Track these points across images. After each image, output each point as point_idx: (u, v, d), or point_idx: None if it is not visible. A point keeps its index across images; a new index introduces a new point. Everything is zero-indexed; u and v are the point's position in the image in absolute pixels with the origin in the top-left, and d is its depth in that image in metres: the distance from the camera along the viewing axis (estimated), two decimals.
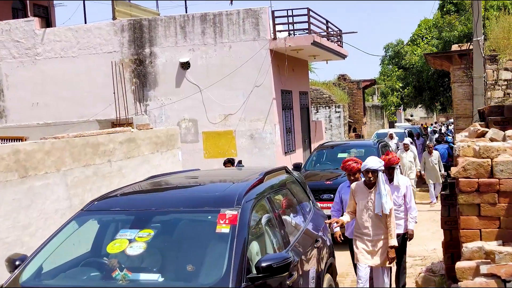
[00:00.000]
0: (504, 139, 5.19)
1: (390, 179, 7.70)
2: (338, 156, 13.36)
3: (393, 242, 6.81)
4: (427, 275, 8.03)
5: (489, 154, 4.65)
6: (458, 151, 5.11)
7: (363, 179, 7.22)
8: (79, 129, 12.28)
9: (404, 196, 7.66)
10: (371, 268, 7.03)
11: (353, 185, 7.11)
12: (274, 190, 5.74)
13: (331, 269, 6.73)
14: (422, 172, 16.23)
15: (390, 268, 7.28)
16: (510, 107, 6.71)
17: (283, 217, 5.65)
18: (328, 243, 6.84)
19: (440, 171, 16.15)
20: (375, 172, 6.77)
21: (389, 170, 7.65)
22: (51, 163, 8.00)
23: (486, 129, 5.70)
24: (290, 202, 6.34)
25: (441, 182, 16.05)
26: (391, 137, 21.35)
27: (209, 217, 4.74)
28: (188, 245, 4.71)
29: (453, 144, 20.17)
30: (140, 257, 4.49)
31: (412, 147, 16.47)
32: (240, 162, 7.72)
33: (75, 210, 8.22)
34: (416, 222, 7.79)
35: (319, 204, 8.56)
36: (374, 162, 6.79)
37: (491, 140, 5.19)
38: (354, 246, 7.16)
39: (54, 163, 8.06)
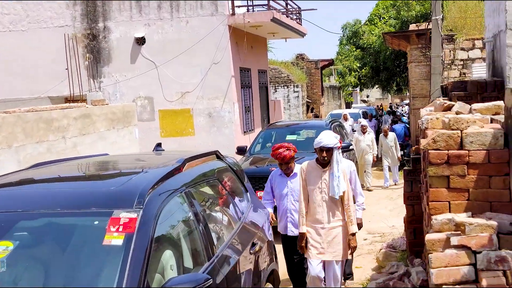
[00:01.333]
0: (470, 112, 5.14)
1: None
2: (287, 138, 12.12)
3: (354, 228, 6.04)
4: (388, 251, 8.05)
5: (459, 125, 4.59)
6: (426, 124, 5.03)
7: (304, 161, 6.43)
8: (30, 106, 11.79)
9: (350, 181, 6.48)
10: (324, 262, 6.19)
11: (304, 164, 6.29)
12: (197, 182, 4.54)
13: (273, 277, 5.58)
14: (379, 156, 16.06)
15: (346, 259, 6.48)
16: (474, 82, 6.71)
17: (209, 217, 4.50)
18: (270, 246, 5.73)
19: (396, 153, 15.61)
20: (330, 150, 5.99)
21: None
22: (2, 139, 7.64)
23: (453, 103, 5.65)
24: (220, 197, 5.17)
25: (398, 164, 15.87)
26: (345, 118, 20.65)
27: (96, 222, 3.47)
28: (62, 265, 3.37)
29: (408, 124, 20.41)
30: None
31: (370, 129, 15.99)
32: (159, 145, 6.28)
33: None
34: (364, 209, 6.94)
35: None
36: (329, 139, 6.00)
37: (457, 113, 5.13)
38: (305, 239, 6.17)
39: (5, 138, 7.70)
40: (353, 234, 6.08)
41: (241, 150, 12.22)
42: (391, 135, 15.81)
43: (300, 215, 6.20)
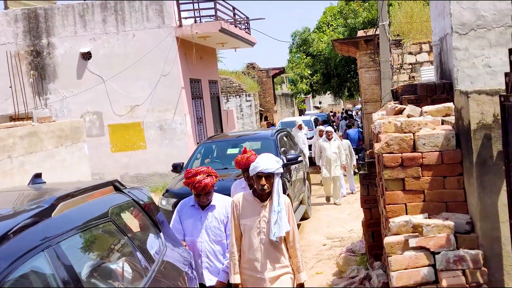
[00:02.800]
0: (421, 115, 5.15)
1: (250, 185, 5.88)
2: (228, 152, 10.98)
3: (303, 277, 4.86)
4: (347, 255, 8.02)
5: (411, 128, 4.59)
6: (379, 128, 5.00)
7: (238, 193, 5.13)
8: None
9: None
10: None
11: (237, 197, 4.94)
12: (77, 229, 3.25)
13: None
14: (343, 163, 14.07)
15: None
16: (423, 85, 6.74)
17: (95, 280, 3.28)
18: None
19: (352, 160, 14.46)
20: (270, 177, 4.67)
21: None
22: None
23: (404, 106, 5.66)
24: (114, 246, 3.81)
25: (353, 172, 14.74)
26: (300, 127, 18.44)
27: None
28: None
29: (361, 128, 20.63)
30: None
31: (336, 135, 14.18)
32: (37, 176, 4.55)
33: None
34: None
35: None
36: (268, 163, 4.67)
37: (409, 116, 5.15)
38: None
39: None
40: (302, 285, 4.87)
41: (176, 167, 10.73)
42: (345, 142, 14.66)
43: (232, 261, 4.87)
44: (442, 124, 4.80)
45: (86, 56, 15.79)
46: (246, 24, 20.08)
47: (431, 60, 15.53)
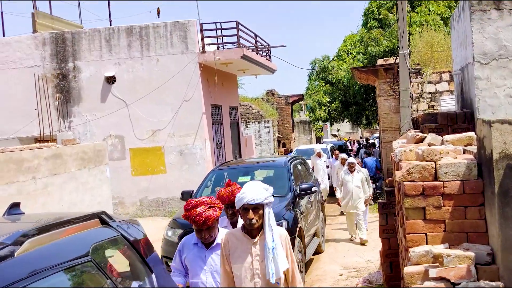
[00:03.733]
0: (442, 144, 5.19)
1: (233, 223, 5.39)
2: (239, 180, 10.20)
3: None
4: (364, 286, 7.99)
5: (432, 157, 4.61)
6: (400, 156, 5.05)
7: (223, 225, 4.98)
8: None
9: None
10: None
11: (226, 235, 4.33)
12: (46, 273, 2.67)
13: None
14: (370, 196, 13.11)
15: None
16: (444, 114, 6.80)
17: None
18: None
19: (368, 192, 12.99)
20: (258, 209, 4.09)
21: (233, 208, 5.15)
22: None
23: (425, 135, 5.70)
24: None
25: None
26: (318, 155, 17.68)
27: None
28: None
29: (379, 157, 20.55)
30: None
31: (359, 167, 13.08)
32: (14, 205, 3.80)
33: None
34: None
35: None
36: (254, 192, 4.08)
37: (430, 145, 5.18)
38: None
39: None
40: None
41: (186, 195, 10.25)
42: (363, 171, 13.44)
43: None
44: (464, 153, 4.83)
45: (111, 80, 16.07)
46: (267, 51, 20.31)
47: (451, 89, 15.55)
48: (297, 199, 9.62)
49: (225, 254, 4.22)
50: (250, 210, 4.05)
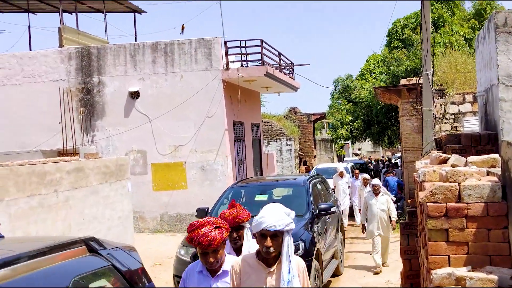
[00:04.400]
0: (466, 165, 5.15)
1: (237, 248, 4.90)
2: (256, 198, 10.13)
3: None
4: None
5: (456, 178, 4.57)
6: (423, 177, 5.02)
7: (246, 247, 4.66)
8: (23, 159, 11.73)
9: None
10: None
11: (237, 261, 4.02)
12: None
13: None
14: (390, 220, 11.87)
15: None
16: (468, 135, 6.74)
17: None
18: None
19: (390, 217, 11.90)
20: (278, 236, 3.74)
21: (238, 232, 4.86)
22: None
23: (448, 156, 5.66)
24: None
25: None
26: (341, 175, 17.36)
27: None
28: None
29: (401, 177, 20.35)
30: None
31: (384, 189, 12.28)
32: None
33: None
34: None
35: None
36: (275, 217, 3.74)
37: (453, 166, 5.13)
38: None
39: None
40: None
41: (201, 213, 9.91)
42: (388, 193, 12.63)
43: None
44: (487, 175, 4.79)
45: (135, 95, 16.25)
46: (291, 69, 20.38)
47: (474, 110, 15.43)
48: (316, 220, 9.45)
49: (236, 281, 3.92)
50: (268, 237, 3.71)
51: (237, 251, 4.83)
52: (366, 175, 15.74)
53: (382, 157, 49.49)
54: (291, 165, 28.24)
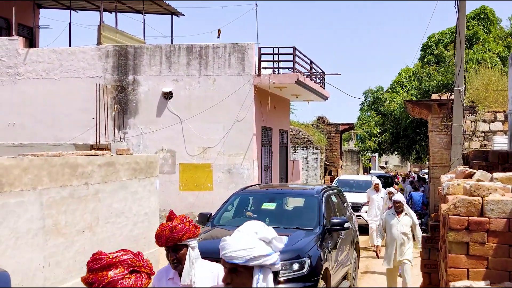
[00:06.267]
0: (491, 181, 5.21)
1: (180, 272, 3.80)
2: (263, 207, 9.32)
3: None
4: None
5: (480, 192, 4.63)
6: (447, 189, 5.09)
7: (169, 276, 3.90)
8: (57, 151, 12.05)
9: None
10: None
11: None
12: None
13: None
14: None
15: None
16: (495, 152, 6.77)
17: None
18: None
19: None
20: (240, 272, 2.62)
21: (176, 253, 3.73)
22: (28, 181, 7.79)
23: (474, 171, 5.72)
24: None
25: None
26: (376, 188, 15.51)
27: None
28: None
29: (428, 194, 20.25)
30: None
31: (408, 208, 10.22)
32: None
33: (48, 232, 8.00)
34: None
35: None
36: (237, 244, 2.60)
37: (478, 181, 5.19)
38: None
39: (30, 180, 7.85)
40: None
41: (203, 218, 9.29)
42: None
43: None
44: None
45: (168, 95, 16.53)
46: (322, 78, 20.48)
47: (505, 129, 15.34)
48: (327, 235, 8.61)
49: None
50: (226, 270, 2.63)
51: (181, 275, 3.80)
52: (392, 189, 14.02)
53: (409, 172, 49.01)
54: (316, 174, 28.29)
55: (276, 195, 10.08)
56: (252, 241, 2.59)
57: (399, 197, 10.14)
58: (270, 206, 9.27)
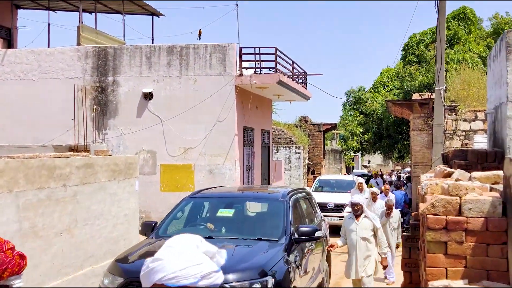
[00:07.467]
0: (470, 180, 5.20)
1: None
2: (218, 213, 8.21)
3: None
4: None
5: (458, 192, 4.63)
6: (426, 189, 5.08)
7: None
8: (34, 153, 11.87)
9: None
10: None
11: None
12: None
13: None
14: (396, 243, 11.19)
15: None
16: (474, 152, 6.79)
17: None
18: None
19: (396, 237, 11.40)
20: None
21: None
22: (4, 183, 7.67)
23: (453, 170, 5.72)
24: None
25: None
26: (360, 188, 15.52)
27: None
28: None
29: (411, 193, 20.32)
30: None
31: (367, 211, 9.03)
32: None
33: (25, 234, 7.86)
34: None
35: None
36: (181, 263, 1.97)
37: (457, 180, 5.19)
38: None
39: (6, 183, 7.73)
40: None
41: (147, 228, 8.20)
42: (396, 213, 11.73)
43: None
44: (490, 191, 4.83)
45: (148, 96, 16.40)
46: (304, 78, 20.47)
47: (485, 128, 15.44)
48: (294, 246, 7.45)
49: None
50: None
51: None
52: (375, 189, 13.94)
53: (392, 170, 49.25)
54: (299, 173, 28.29)
55: (235, 199, 8.83)
56: (198, 255, 2.02)
57: (357, 198, 9.03)
58: (227, 213, 8.11)
